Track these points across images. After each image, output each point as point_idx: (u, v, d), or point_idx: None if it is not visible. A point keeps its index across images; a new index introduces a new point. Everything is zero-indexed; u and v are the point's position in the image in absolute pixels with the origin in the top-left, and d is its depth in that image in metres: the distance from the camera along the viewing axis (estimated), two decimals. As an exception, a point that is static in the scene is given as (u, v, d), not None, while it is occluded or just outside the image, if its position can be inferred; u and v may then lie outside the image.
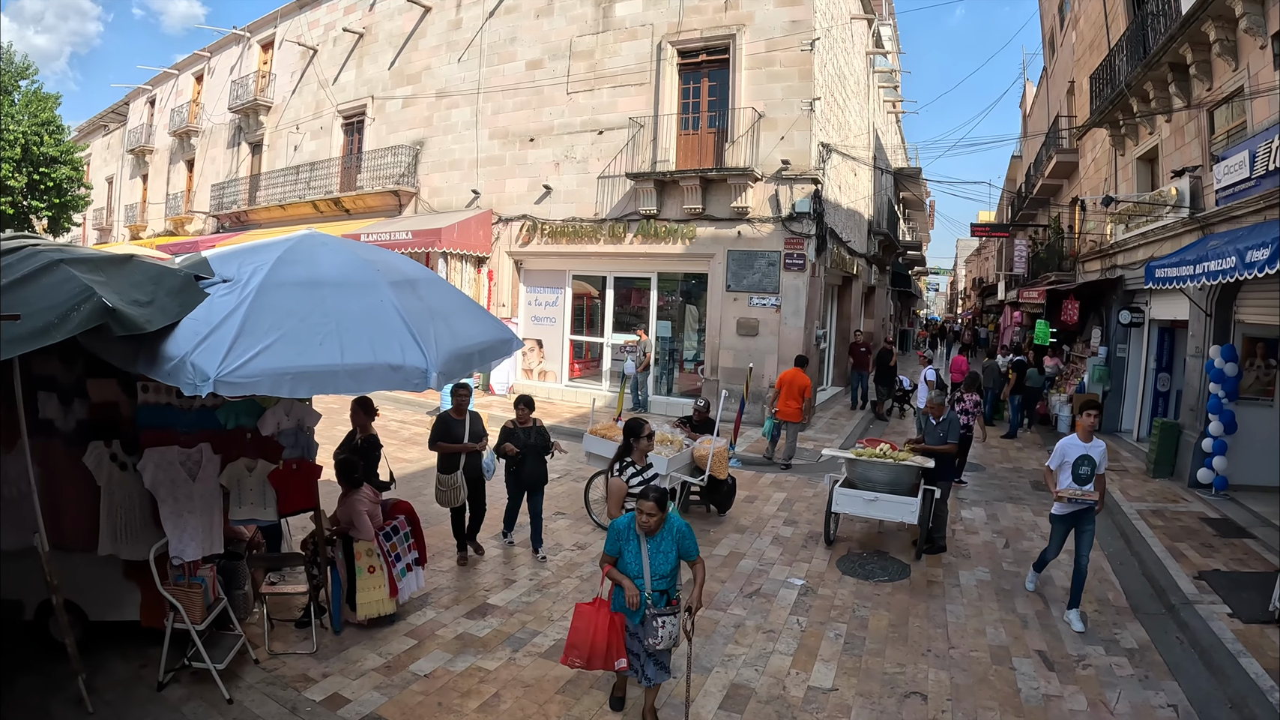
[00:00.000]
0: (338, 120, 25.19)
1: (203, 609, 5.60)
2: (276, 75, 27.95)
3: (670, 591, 5.20)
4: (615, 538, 5.23)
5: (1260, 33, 10.89)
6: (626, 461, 6.88)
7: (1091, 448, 7.55)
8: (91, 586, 5.86)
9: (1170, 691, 6.23)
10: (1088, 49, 20.59)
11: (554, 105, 19.59)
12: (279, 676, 5.85)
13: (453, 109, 21.68)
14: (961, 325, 58.63)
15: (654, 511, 5.01)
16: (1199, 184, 12.93)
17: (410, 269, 5.75)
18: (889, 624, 7.40)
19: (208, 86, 32.40)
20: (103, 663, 5.77)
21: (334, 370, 4.39)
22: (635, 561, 5.14)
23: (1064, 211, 25.27)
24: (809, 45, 16.33)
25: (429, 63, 22.30)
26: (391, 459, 8.88)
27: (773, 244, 16.82)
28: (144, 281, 4.62)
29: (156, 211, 35.08)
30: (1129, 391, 17.69)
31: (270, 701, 5.47)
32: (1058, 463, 7.66)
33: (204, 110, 32.19)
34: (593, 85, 18.92)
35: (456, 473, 8.26)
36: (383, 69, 23.58)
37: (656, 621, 5.02)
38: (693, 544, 5.24)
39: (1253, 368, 12.26)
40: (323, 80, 25.58)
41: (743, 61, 16.95)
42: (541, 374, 20.97)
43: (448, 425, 8.35)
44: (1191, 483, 12.39)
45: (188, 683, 5.61)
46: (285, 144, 27.34)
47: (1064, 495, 7.56)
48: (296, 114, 26.92)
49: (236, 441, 6.04)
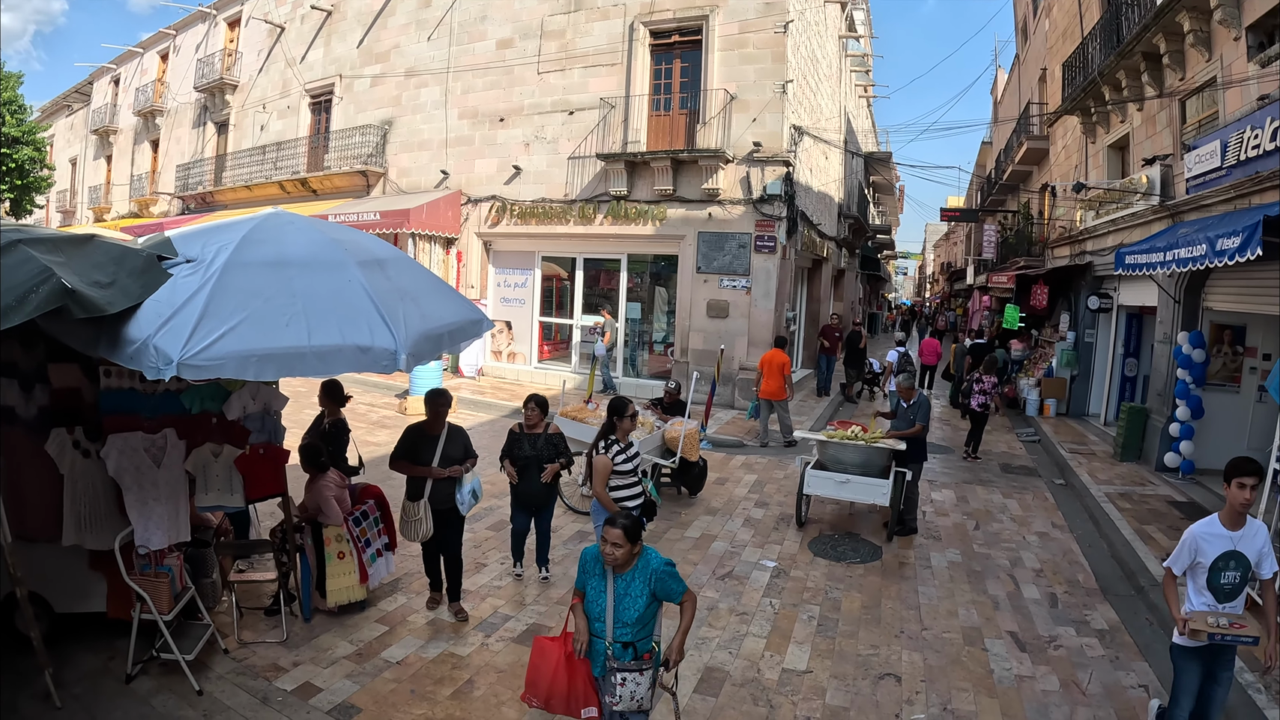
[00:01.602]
0: (305, 99, 24.82)
1: (170, 599, 5.50)
2: (243, 53, 27.48)
3: (639, 643, 4.22)
4: (582, 569, 4.42)
5: (1235, 24, 10.95)
6: (611, 439, 6.73)
7: (1244, 537, 4.63)
8: (56, 578, 5.73)
9: (1141, 672, 6.31)
10: (1061, 37, 20.68)
11: (524, 85, 19.41)
12: (249, 666, 5.76)
13: (422, 88, 21.42)
14: (933, 309, 58.98)
15: (621, 542, 4.13)
16: (1170, 172, 13.05)
17: (379, 249, 5.63)
18: (861, 606, 7.43)
19: (173, 65, 31.83)
20: (70, 656, 5.66)
21: (301, 352, 4.28)
22: (597, 602, 4.28)
23: (1034, 197, 25.46)
24: (782, 28, 16.26)
25: (398, 41, 22.00)
26: (361, 442, 8.77)
27: (743, 226, 16.81)
28: (105, 262, 4.49)
29: (121, 193, 34.50)
30: (1097, 376, 17.95)
31: (241, 692, 5.40)
32: (1184, 563, 4.72)
33: (169, 89, 31.63)
34: (564, 65, 18.75)
35: (419, 501, 6.58)
36: (351, 47, 23.24)
37: (616, 678, 4.13)
38: (674, 584, 4.29)
39: (1220, 354, 12.42)
40: (290, 59, 25.17)
41: (715, 43, 16.86)
42: (511, 356, 20.87)
43: (415, 441, 6.71)
44: (1159, 466, 12.56)
45: (157, 674, 5.51)
46: (252, 124, 26.92)
47: (1195, 627, 4.56)
48: (263, 93, 26.49)
49: (202, 426, 5.92)
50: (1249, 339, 12.42)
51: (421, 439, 6.69)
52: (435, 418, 6.73)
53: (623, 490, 6.76)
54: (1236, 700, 5.60)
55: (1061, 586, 8.09)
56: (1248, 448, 12.01)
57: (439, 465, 6.59)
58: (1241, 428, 12.26)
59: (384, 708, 5.31)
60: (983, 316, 29.76)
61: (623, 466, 6.67)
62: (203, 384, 5.88)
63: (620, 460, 6.65)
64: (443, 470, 6.57)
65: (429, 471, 6.56)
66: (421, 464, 6.57)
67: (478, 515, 9.38)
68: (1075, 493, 11.77)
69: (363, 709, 5.28)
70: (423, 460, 6.59)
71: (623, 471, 6.70)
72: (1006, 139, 29.54)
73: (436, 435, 6.70)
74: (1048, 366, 19.25)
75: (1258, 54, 10.50)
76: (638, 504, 6.82)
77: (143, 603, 5.35)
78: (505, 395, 17.57)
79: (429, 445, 6.65)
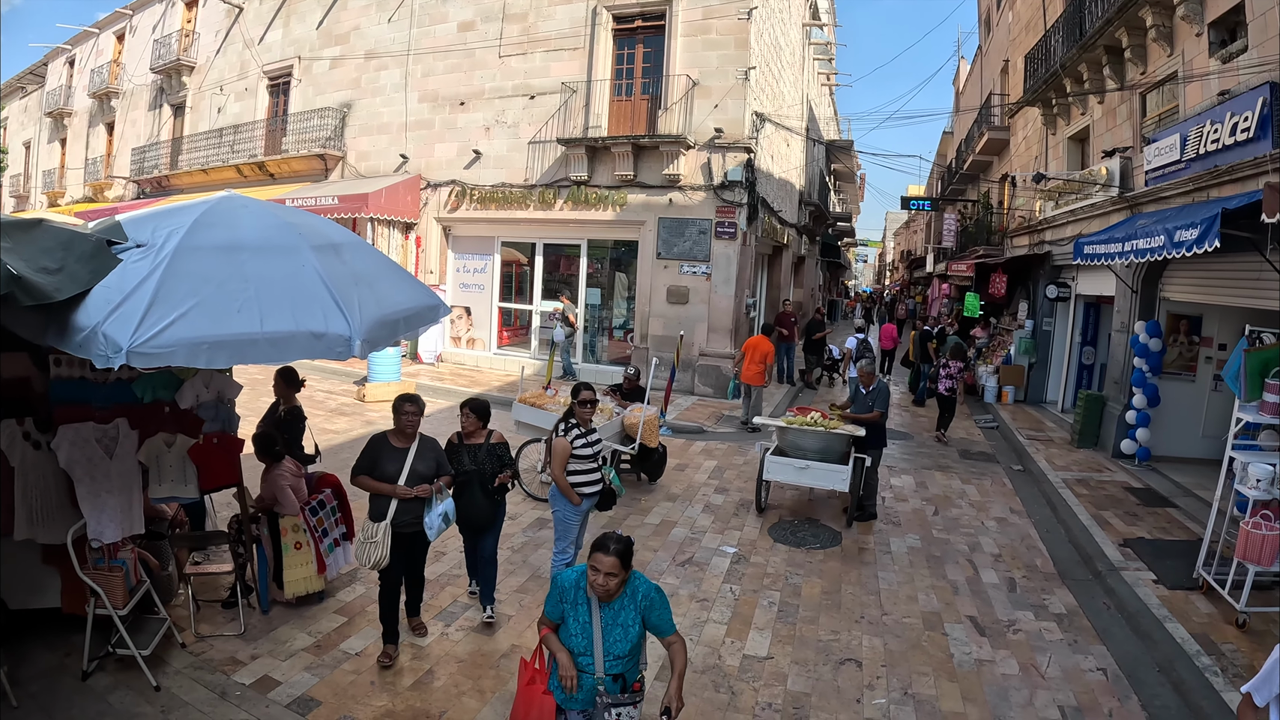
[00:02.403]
0: (263, 81, 24.38)
1: (125, 593, 5.37)
2: (200, 34, 26.92)
3: (630, 674, 3.90)
4: (558, 597, 3.90)
5: (1197, 20, 11.12)
6: (571, 423, 6.50)
7: None
8: (9, 573, 5.57)
9: (1099, 655, 6.42)
10: (1024, 29, 20.87)
11: (485, 69, 19.24)
12: (207, 660, 5.66)
13: (382, 71, 21.14)
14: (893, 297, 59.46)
15: (616, 571, 3.71)
16: (1129, 165, 13.26)
17: (334, 233, 5.51)
18: (822, 591, 7.48)
19: (129, 46, 31.12)
20: (26, 653, 5.52)
21: (253, 339, 4.18)
22: (583, 635, 3.81)
23: (994, 187, 25.71)
24: (746, 14, 16.25)
25: (358, 22, 21.68)
26: (318, 430, 8.67)
27: (704, 212, 16.81)
28: (53, 247, 4.36)
29: (75, 177, 33.77)
30: (1054, 364, 18.23)
31: (199, 687, 5.30)
32: (1271, 692, 3.31)
33: (125, 71, 30.93)
34: (525, 49, 18.60)
35: (380, 523, 5.64)
36: (310, 28, 22.86)
37: (610, 714, 3.79)
38: (665, 612, 3.92)
39: (1176, 344, 12.68)
40: (248, 40, 24.70)
41: (678, 28, 16.80)
42: (470, 342, 20.75)
43: (378, 453, 5.80)
44: (1115, 453, 12.78)
45: (114, 670, 5.40)
46: (209, 106, 26.42)
47: None
48: (221, 75, 25.99)
49: (154, 416, 5.80)
50: (1205, 329, 12.69)
51: (386, 451, 5.80)
52: (401, 429, 5.84)
53: (581, 476, 6.52)
54: (1194, 683, 5.74)
55: (1020, 571, 8.19)
56: (1202, 435, 12.35)
57: (406, 484, 5.70)
58: (1197, 416, 12.63)
59: (344, 700, 5.25)
60: (942, 304, 30.04)
61: (582, 451, 6.46)
62: (155, 372, 5.76)
63: (580, 445, 6.46)
64: (410, 490, 5.68)
65: (393, 490, 5.65)
66: (385, 480, 5.69)
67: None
68: (1033, 478, 11.93)
69: (322, 701, 5.21)
70: (387, 476, 5.70)
71: (582, 456, 6.47)
72: (968, 129, 29.77)
73: (405, 448, 5.82)
74: (1006, 354, 19.46)
75: (1219, 50, 10.68)
76: (595, 490, 6.62)
77: (97, 597, 5.23)
78: (465, 382, 17.49)
79: (395, 459, 5.77)
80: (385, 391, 15.01)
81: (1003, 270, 20.93)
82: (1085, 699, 5.71)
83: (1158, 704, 5.69)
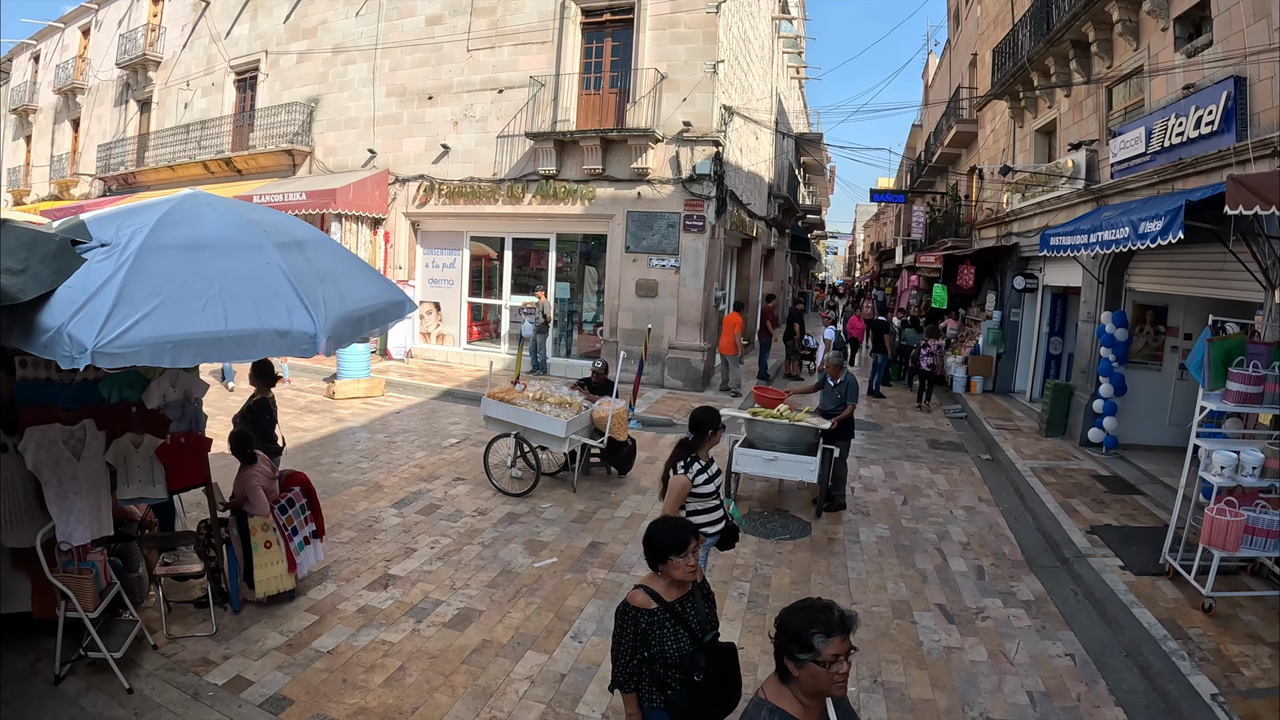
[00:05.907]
0: (230, 76, 24.08)
1: (95, 596, 5.34)
2: (167, 28, 26.52)
3: None
4: None
5: (1163, 15, 11.30)
6: (692, 457, 5.63)
7: None
8: (-22, 579, 5.54)
9: (1067, 641, 6.53)
10: (992, 23, 21.05)
11: (454, 63, 19.14)
12: (179, 661, 5.64)
13: (349, 65, 20.98)
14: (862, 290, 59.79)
15: None
16: (1095, 157, 13.45)
17: (298, 229, 5.49)
18: (791, 581, 7.54)
19: (95, 41, 30.61)
20: (-4, 659, 5.49)
21: (217, 337, 4.18)
22: None
23: (962, 180, 25.92)
24: (714, 8, 16.28)
25: (325, 16, 21.48)
26: (287, 428, 8.65)
27: (673, 205, 16.84)
28: (16, 248, 4.33)
29: (41, 175, 33.22)
30: (1022, 354, 18.44)
31: (171, 689, 5.28)
32: None
33: (91, 66, 30.44)
34: (494, 43, 18.53)
35: None
36: (278, 22, 22.61)
37: None
38: None
39: (1142, 333, 12.89)
40: (215, 34, 24.37)
41: (647, 22, 16.81)
42: (440, 337, 20.68)
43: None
44: (1083, 441, 12.95)
45: (86, 674, 5.37)
46: (175, 101, 26.06)
47: None
48: (187, 70, 25.62)
49: (121, 416, 5.76)
50: (1170, 319, 12.91)
51: None
52: None
53: (702, 516, 5.67)
54: (1161, 667, 5.86)
55: (988, 559, 8.31)
56: (1169, 423, 12.56)
57: None
58: (1163, 405, 12.87)
59: (316, 698, 5.25)
60: (911, 295, 30.25)
61: (704, 489, 5.61)
62: (121, 372, 5.74)
63: (701, 481, 5.58)
64: None
65: None
66: None
67: (408, 499, 9.32)
68: (1001, 467, 12.08)
69: (295, 700, 5.21)
70: None
71: (703, 495, 5.64)
72: (936, 122, 30.02)
73: None
74: (974, 345, 19.65)
75: (1185, 44, 10.85)
76: (717, 530, 5.78)
77: (67, 601, 5.20)
78: (434, 377, 17.44)
79: None
80: (355, 388, 14.97)
81: (970, 262, 21.11)
82: (1053, 684, 5.80)
83: (1125, 688, 5.79)
